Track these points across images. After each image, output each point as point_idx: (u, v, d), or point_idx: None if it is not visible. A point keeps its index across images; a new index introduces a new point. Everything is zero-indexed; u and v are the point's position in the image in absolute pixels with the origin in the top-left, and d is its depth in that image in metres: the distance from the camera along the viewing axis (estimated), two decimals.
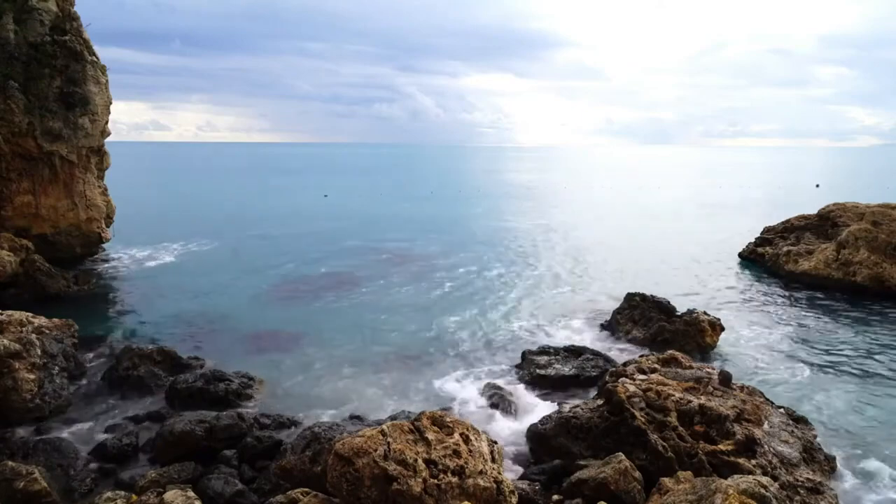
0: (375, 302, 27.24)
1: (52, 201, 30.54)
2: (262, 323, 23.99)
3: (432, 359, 20.44)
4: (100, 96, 31.04)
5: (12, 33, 28.36)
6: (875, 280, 28.04)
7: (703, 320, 21.14)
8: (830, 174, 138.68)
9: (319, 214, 58.55)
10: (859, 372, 19.34)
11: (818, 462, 13.17)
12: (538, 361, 18.84)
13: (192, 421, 14.25)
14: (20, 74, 28.40)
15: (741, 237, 39.84)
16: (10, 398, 15.15)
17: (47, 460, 13.15)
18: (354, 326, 23.64)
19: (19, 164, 29.42)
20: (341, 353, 20.65)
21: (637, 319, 22.35)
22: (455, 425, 11.32)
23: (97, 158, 32.81)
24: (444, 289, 29.71)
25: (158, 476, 12.60)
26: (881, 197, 52.06)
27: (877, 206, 31.47)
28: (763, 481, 9.94)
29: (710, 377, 15.07)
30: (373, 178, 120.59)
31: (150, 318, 24.54)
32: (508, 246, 41.61)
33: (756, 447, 12.48)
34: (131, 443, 14.31)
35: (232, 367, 18.86)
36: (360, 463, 10.12)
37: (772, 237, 35.78)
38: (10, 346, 15.79)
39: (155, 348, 19.16)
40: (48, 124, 29.12)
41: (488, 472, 10.65)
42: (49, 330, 18.04)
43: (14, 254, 26.39)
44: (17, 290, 25.65)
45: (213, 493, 12.06)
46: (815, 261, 30.52)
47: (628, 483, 11.64)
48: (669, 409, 13.29)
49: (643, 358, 16.82)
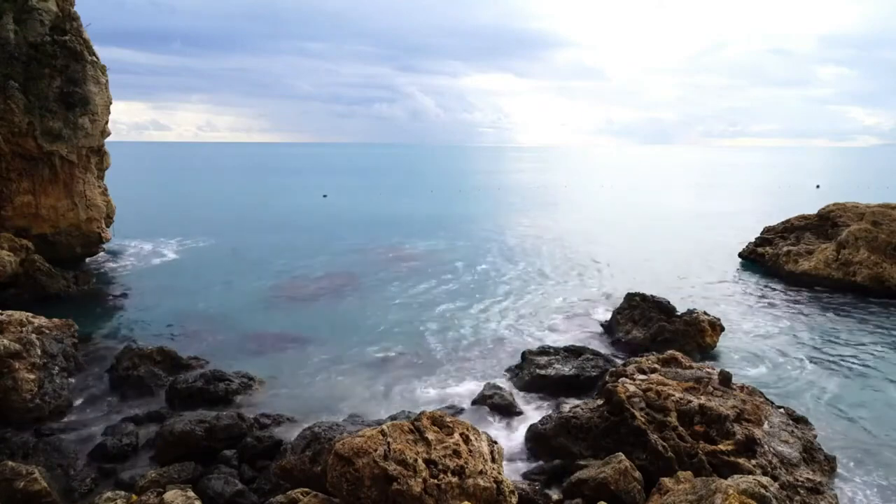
0: (375, 302, 27.24)
1: (52, 201, 30.54)
2: (262, 323, 23.99)
3: (432, 358, 20.44)
4: (100, 96, 31.04)
5: (12, 33, 28.36)
6: (875, 280, 28.04)
7: (703, 320, 21.14)
8: (830, 174, 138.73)
9: (319, 214, 58.57)
10: (859, 372, 19.34)
11: (818, 462, 13.17)
12: (538, 361, 18.84)
13: (192, 421, 14.24)
14: (20, 74, 28.40)
15: (741, 237, 39.85)
16: (10, 398, 15.16)
17: (47, 460, 13.15)
18: (354, 326, 23.64)
19: (19, 164, 29.42)
20: (341, 353, 20.65)
21: (637, 319, 22.35)
22: (455, 425, 11.32)
23: (97, 158, 32.81)
24: (444, 288, 29.71)
25: (158, 476, 12.60)
26: (881, 197, 52.11)
27: (877, 206, 31.49)
28: (763, 481, 9.94)
29: (710, 377, 15.08)
30: (373, 178, 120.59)
31: (150, 318, 24.54)
32: (508, 246, 41.62)
33: (756, 447, 12.48)
34: (131, 443, 14.31)
35: (232, 367, 18.86)
36: (360, 463, 10.12)
37: (772, 237, 35.79)
38: (10, 346, 15.79)
39: (155, 348, 19.16)
40: (48, 124, 29.12)
41: (488, 472, 10.65)
42: (49, 330, 18.04)
43: (14, 254, 26.39)
44: (17, 290, 25.65)
45: (213, 493, 12.05)
46: (815, 261, 30.52)
47: (628, 483, 11.64)
48: (669, 409, 13.30)
49: (643, 358, 16.82)
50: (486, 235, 45.99)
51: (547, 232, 48.11)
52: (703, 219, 56.61)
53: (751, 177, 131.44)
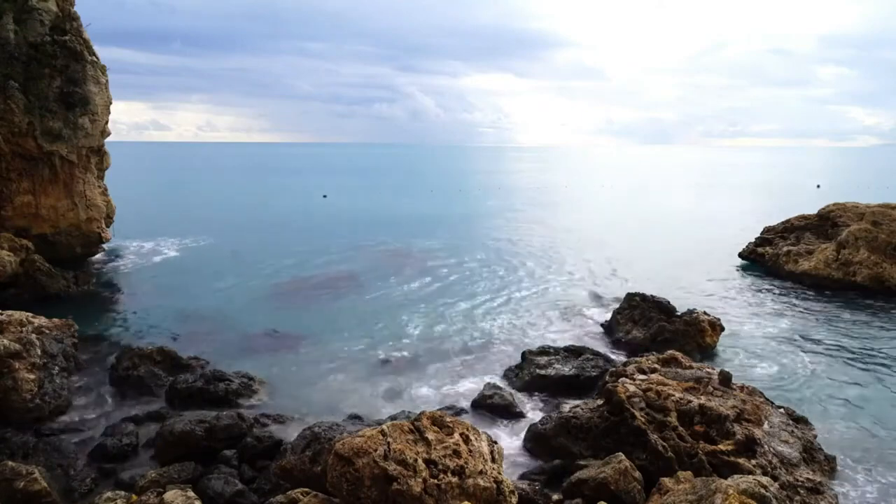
0: (375, 302, 27.24)
1: (52, 201, 30.55)
2: (262, 323, 23.99)
3: (432, 358, 20.44)
4: (100, 96, 31.05)
5: (12, 33, 28.37)
6: (875, 280, 28.04)
7: (703, 320, 21.14)
8: (831, 174, 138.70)
9: (319, 214, 58.58)
10: (859, 372, 19.34)
11: (818, 462, 13.18)
12: (538, 361, 18.84)
13: (192, 421, 14.25)
14: (20, 74, 28.41)
15: (741, 237, 39.84)
16: (10, 398, 15.16)
17: (47, 460, 13.16)
18: (354, 326, 23.64)
19: (19, 164, 29.43)
20: (341, 353, 20.66)
21: (637, 319, 22.35)
22: (455, 425, 11.32)
23: (97, 158, 32.82)
24: (444, 288, 29.72)
25: (158, 476, 12.60)
26: (881, 197, 52.09)
27: (877, 206, 31.49)
28: (763, 481, 9.94)
29: (710, 377, 15.08)
30: (373, 178, 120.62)
31: (150, 317, 24.54)
32: (508, 246, 41.62)
33: (756, 447, 12.48)
34: (131, 443, 14.32)
35: (232, 367, 18.87)
36: (360, 463, 10.12)
37: (772, 237, 35.78)
38: (10, 346, 15.79)
39: (155, 348, 19.16)
40: (48, 124, 29.13)
41: (488, 472, 10.65)
42: (49, 330, 18.04)
43: (14, 254, 26.39)
44: (17, 290, 25.66)
45: (213, 493, 12.06)
46: (815, 261, 30.52)
47: (628, 483, 11.64)
48: (669, 409, 13.30)
49: (643, 358, 16.83)
50: (486, 235, 46.00)
51: (547, 232, 48.13)
52: (703, 219, 56.63)
53: (751, 177, 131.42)
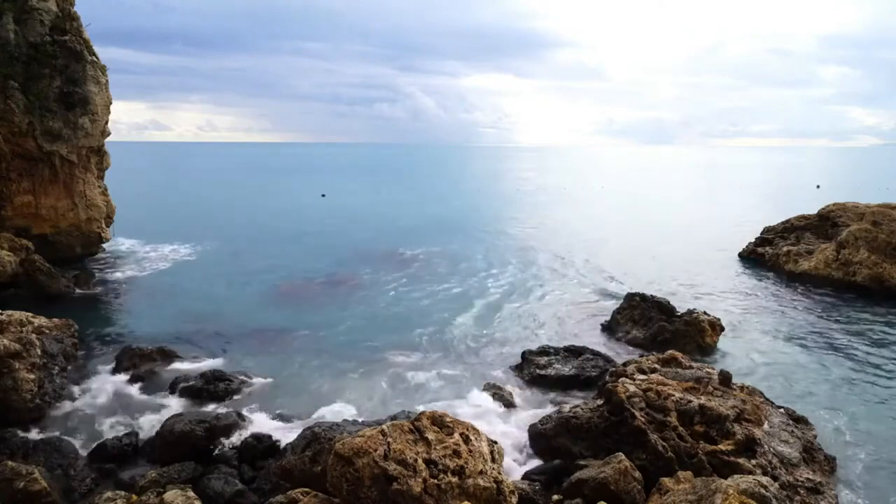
0: (375, 301, 27.24)
1: (52, 201, 30.54)
2: (262, 323, 23.99)
3: (432, 358, 20.44)
4: (100, 96, 31.04)
5: (12, 33, 28.36)
6: (875, 280, 28.03)
7: (703, 320, 21.14)
8: (831, 174, 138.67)
9: (319, 214, 58.57)
10: (859, 372, 19.33)
11: (818, 462, 13.18)
12: (538, 361, 18.85)
13: (192, 421, 14.25)
14: (20, 74, 28.40)
15: (741, 237, 39.84)
16: (10, 398, 15.15)
17: (47, 460, 13.16)
18: (354, 326, 23.64)
19: (19, 164, 29.42)
20: (341, 354, 20.64)
21: (637, 319, 22.36)
22: (455, 425, 11.32)
23: (97, 158, 32.81)
24: (444, 288, 29.71)
25: (158, 476, 12.60)
26: (881, 197, 52.07)
27: (877, 206, 31.49)
28: (763, 481, 9.94)
29: (710, 377, 15.08)
30: (373, 178, 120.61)
31: (150, 318, 24.54)
32: (508, 246, 41.61)
33: (756, 447, 12.48)
34: (131, 443, 14.30)
35: (232, 367, 18.87)
36: (360, 463, 10.12)
37: (772, 237, 35.80)
38: (10, 346, 15.79)
39: (155, 348, 19.14)
40: (48, 124, 29.12)
41: (488, 472, 10.65)
42: (49, 330, 18.05)
43: (14, 254, 26.40)
44: (17, 290, 25.67)
45: (213, 493, 12.06)
46: (815, 261, 30.52)
47: (628, 483, 11.64)
48: (669, 409, 13.29)
49: (643, 358, 16.83)
50: (486, 235, 46.00)
51: (547, 232, 48.13)
52: (703, 219, 56.62)
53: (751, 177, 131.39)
